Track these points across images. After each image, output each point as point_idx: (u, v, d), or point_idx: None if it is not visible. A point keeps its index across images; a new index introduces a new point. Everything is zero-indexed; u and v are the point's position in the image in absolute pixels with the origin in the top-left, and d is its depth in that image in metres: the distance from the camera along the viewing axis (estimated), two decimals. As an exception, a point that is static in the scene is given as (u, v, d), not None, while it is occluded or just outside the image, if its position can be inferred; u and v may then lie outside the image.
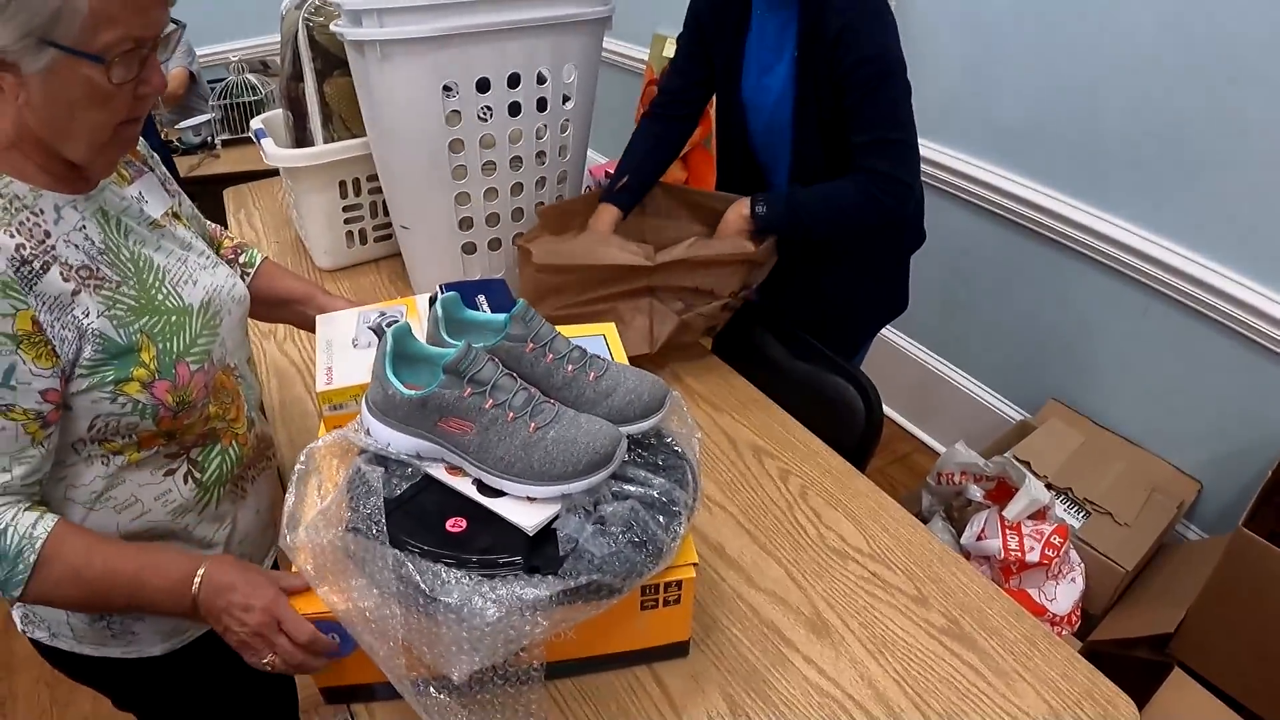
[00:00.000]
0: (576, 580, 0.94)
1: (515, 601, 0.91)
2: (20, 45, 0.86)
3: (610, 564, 0.96)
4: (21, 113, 0.93)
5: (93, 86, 0.92)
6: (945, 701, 1.13)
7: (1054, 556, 2.02)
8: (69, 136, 0.96)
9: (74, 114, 0.94)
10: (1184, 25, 2.06)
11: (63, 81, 0.90)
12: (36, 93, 0.91)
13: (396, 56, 1.62)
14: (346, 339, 1.37)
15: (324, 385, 1.27)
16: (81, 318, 0.97)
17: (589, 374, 1.11)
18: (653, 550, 0.99)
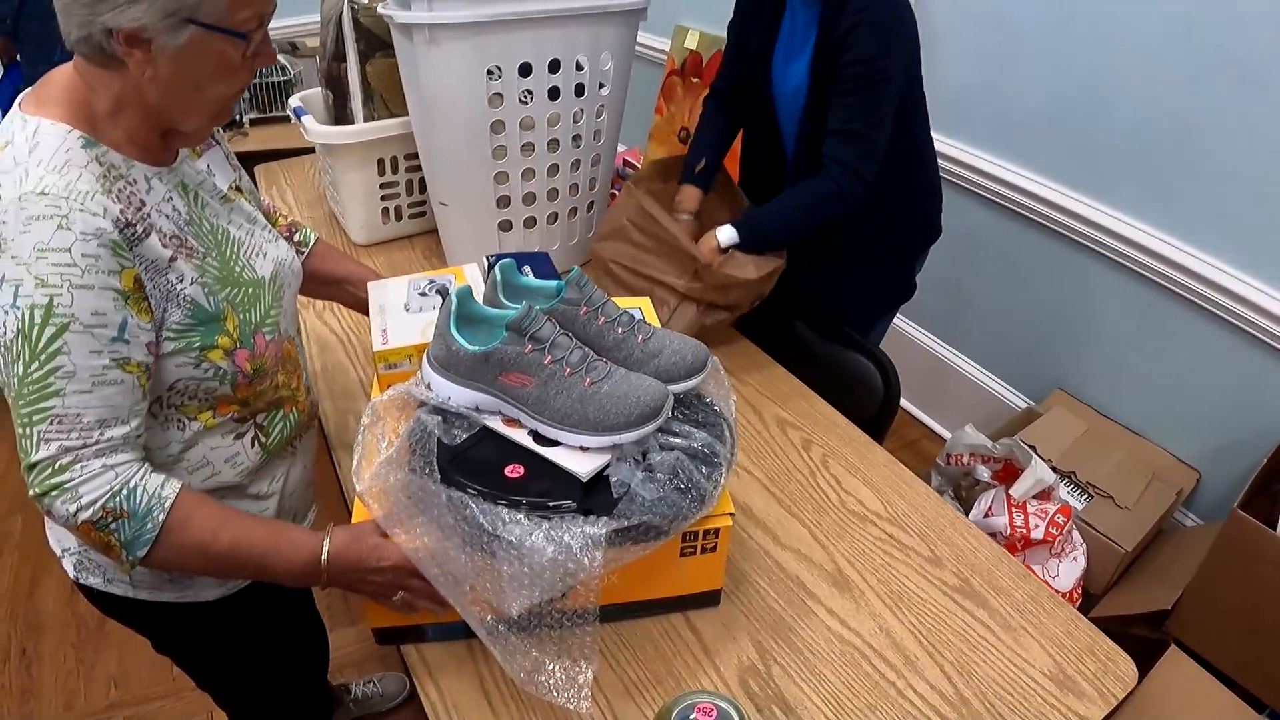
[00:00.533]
0: (629, 520, 1.02)
1: (572, 539, 0.98)
2: (164, 24, 0.93)
3: (659, 507, 1.03)
4: (138, 87, 0.99)
5: (225, 61, 1.00)
6: (957, 652, 1.21)
7: (1057, 534, 2.09)
8: (191, 109, 1.04)
9: (201, 87, 1.01)
10: (1193, 28, 2.11)
11: (197, 57, 0.98)
12: (166, 68, 0.97)
13: (443, 40, 1.69)
14: (399, 303, 1.45)
15: (380, 345, 1.36)
16: (176, 282, 1.03)
17: (637, 336, 1.19)
18: (696, 496, 1.07)
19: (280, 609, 1.45)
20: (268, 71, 3.52)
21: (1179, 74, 2.18)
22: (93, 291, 0.93)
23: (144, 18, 0.92)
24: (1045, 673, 1.19)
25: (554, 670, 1.03)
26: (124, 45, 0.94)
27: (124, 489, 0.97)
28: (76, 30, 0.94)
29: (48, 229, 0.91)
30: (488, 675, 1.18)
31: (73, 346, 0.93)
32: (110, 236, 0.94)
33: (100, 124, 1.01)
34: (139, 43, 0.94)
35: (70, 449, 0.94)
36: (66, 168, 0.95)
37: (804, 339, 1.88)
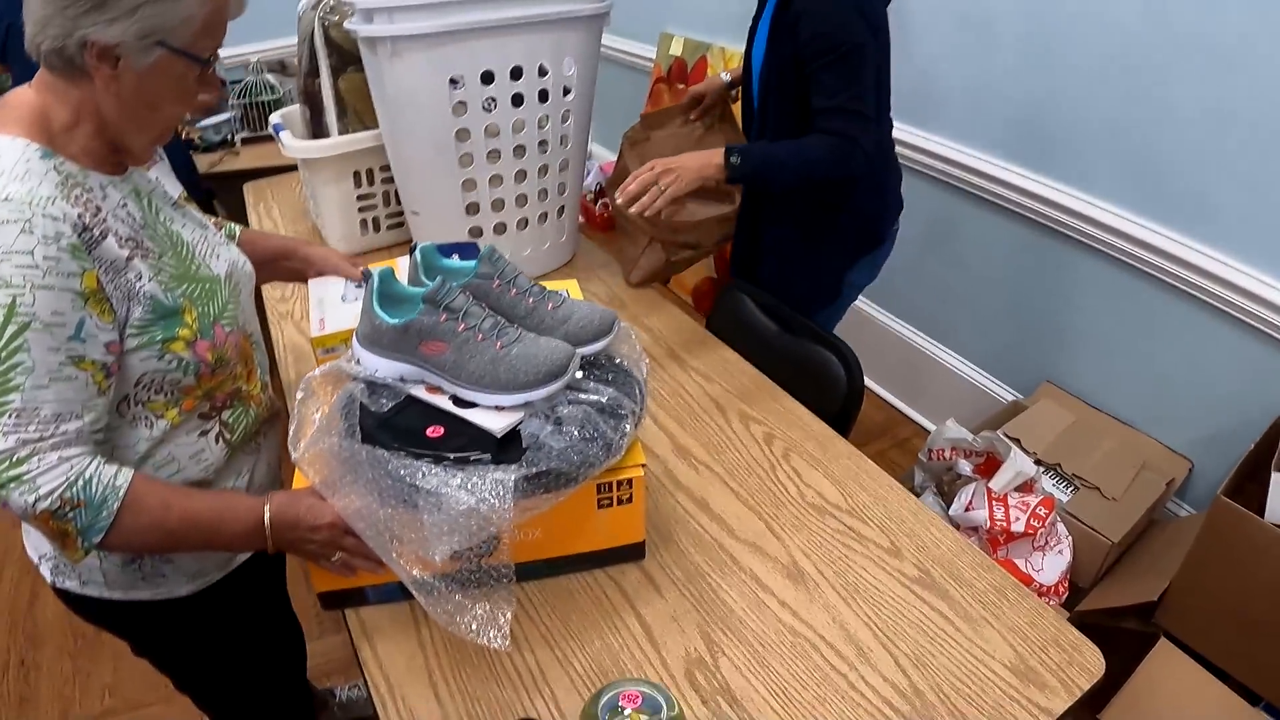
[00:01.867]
0: (538, 467, 1.10)
1: (485, 486, 1.06)
2: (138, 44, 1.01)
3: (566, 455, 1.12)
4: (97, 101, 1.05)
5: (182, 84, 1.09)
6: (913, 643, 1.21)
7: (1039, 527, 2.08)
8: (144, 127, 1.11)
9: (158, 107, 1.10)
10: (1167, 13, 2.11)
11: (160, 77, 1.06)
12: (129, 86, 1.05)
13: (406, 51, 1.72)
14: (336, 296, 1.58)
15: (318, 331, 1.49)
16: (134, 281, 1.07)
17: (547, 304, 1.28)
18: (602, 445, 1.14)
19: (253, 604, 1.48)
20: (257, 91, 3.57)
21: (1155, 60, 2.17)
22: (53, 292, 0.97)
23: (122, 36, 0.99)
24: (1006, 664, 1.18)
25: (476, 612, 1.11)
26: (94, 60, 1.01)
27: (79, 479, 1.01)
28: (50, 41, 1.01)
29: (11, 232, 0.95)
30: (427, 639, 1.23)
31: (32, 344, 0.97)
32: (70, 240, 0.99)
33: (57, 138, 1.06)
34: (108, 58, 1.01)
35: (28, 442, 0.98)
36: (27, 176, 0.99)
37: (768, 335, 1.89)
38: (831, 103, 1.73)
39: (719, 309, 2.01)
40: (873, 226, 2.08)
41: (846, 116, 1.73)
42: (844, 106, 1.73)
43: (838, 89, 1.73)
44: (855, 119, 1.74)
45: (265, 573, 1.46)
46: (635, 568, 1.32)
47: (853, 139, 1.73)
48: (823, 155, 1.75)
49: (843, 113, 1.73)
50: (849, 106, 1.73)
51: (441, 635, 1.22)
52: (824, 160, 1.75)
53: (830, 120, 1.74)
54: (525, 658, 1.19)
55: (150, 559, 1.25)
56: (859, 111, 1.74)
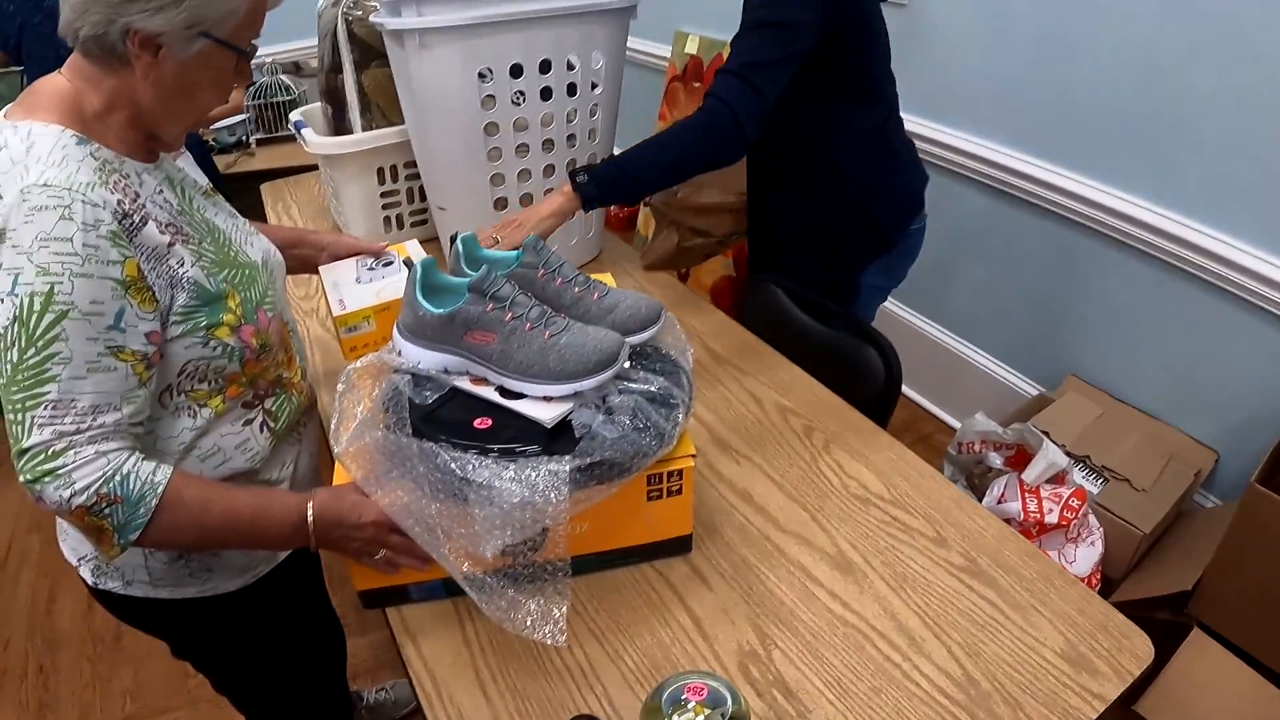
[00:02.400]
0: (591, 458, 1.08)
1: (539, 477, 1.04)
2: (182, 33, 1.01)
3: (620, 445, 1.10)
4: (132, 89, 1.05)
5: (221, 74, 1.09)
6: (964, 632, 1.19)
7: (1072, 518, 2.07)
8: (180, 115, 1.11)
9: (194, 96, 1.10)
10: (1187, 4, 2.10)
11: (201, 68, 1.06)
12: (169, 75, 1.04)
13: (434, 44, 1.71)
14: (350, 277, 1.57)
15: (339, 311, 1.47)
16: (177, 267, 1.06)
17: (593, 294, 1.27)
18: (655, 435, 1.13)
19: (297, 600, 1.47)
20: (273, 91, 3.57)
21: (1175, 48, 2.17)
22: (92, 280, 0.96)
23: (167, 25, 0.99)
24: (1057, 651, 1.16)
25: (530, 608, 1.08)
26: (136, 48, 1.01)
27: (117, 474, 0.99)
28: (90, 28, 1.00)
29: (50, 219, 0.94)
30: (472, 635, 1.21)
31: (70, 333, 0.96)
32: (110, 227, 0.98)
33: (90, 124, 1.05)
34: (150, 46, 1.01)
35: (65, 434, 0.97)
36: (65, 161, 0.99)
37: (804, 327, 1.87)
38: (732, 64, 1.63)
39: (751, 302, 1.99)
40: (880, 228, 1.98)
41: (733, 82, 1.62)
42: (734, 70, 1.62)
43: (741, 55, 1.63)
44: (743, 87, 1.61)
45: (307, 568, 1.46)
46: (682, 561, 1.31)
47: (730, 108, 1.61)
48: (679, 136, 1.65)
49: (731, 76, 1.62)
50: (739, 72, 1.61)
51: (487, 632, 1.20)
52: (681, 142, 1.65)
53: (720, 81, 1.64)
54: (575, 653, 1.17)
55: (197, 554, 1.24)
56: (747, 81, 1.61)
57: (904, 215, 2.00)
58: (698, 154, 1.67)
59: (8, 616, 2.63)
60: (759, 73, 1.62)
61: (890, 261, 2.04)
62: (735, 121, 1.61)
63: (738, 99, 1.61)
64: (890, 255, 2.02)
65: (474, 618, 1.22)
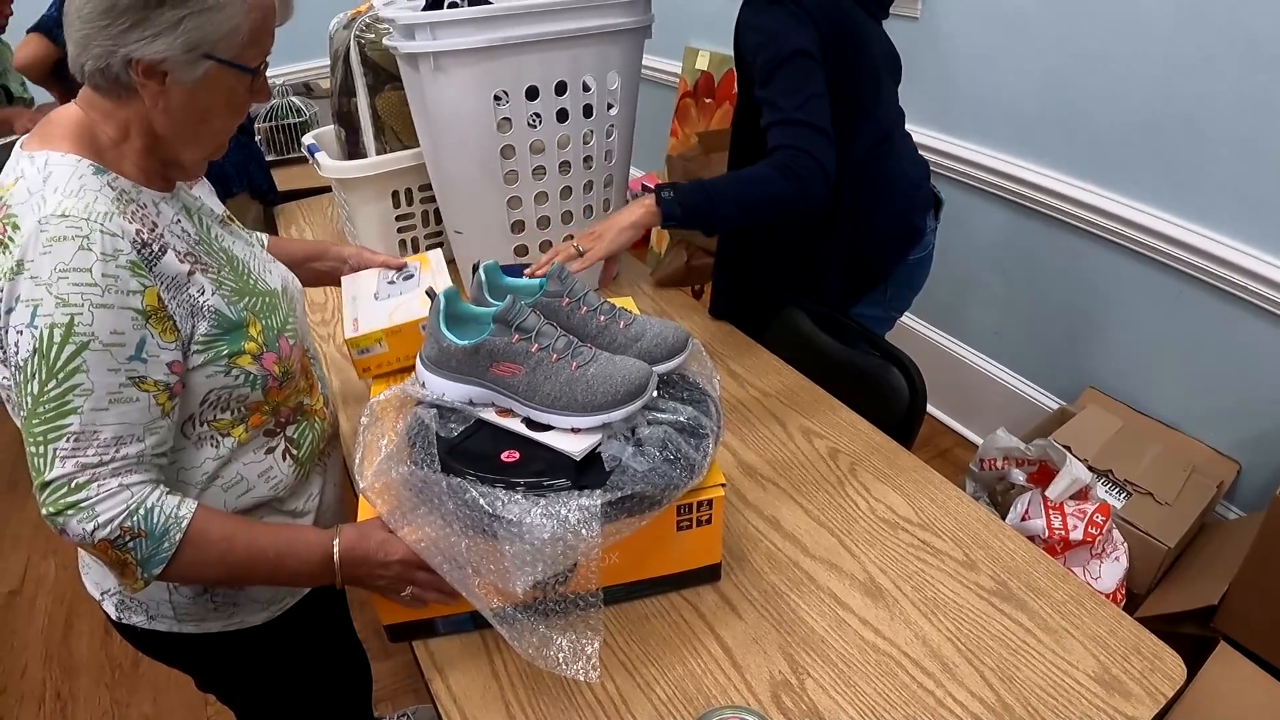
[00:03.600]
0: (622, 491, 1.06)
1: (569, 512, 1.02)
2: (184, 58, 0.99)
3: (650, 477, 1.08)
4: (146, 118, 1.04)
5: (233, 95, 1.07)
6: (997, 657, 1.18)
7: (1097, 534, 2.06)
8: (196, 141, 1.09)
9: (208, 120, 1.07)
10: (1203, 13, 2.10)
11: (209, 91, 1.04)
12: (178, 101, 1.03)
13: (449, 67, 1.70)
14: (369, 293, 1.55)
15: (351, 332, 1.45)
16: (197, 296, 1.06)
17: (619, 323, 1.26)
18: (685, 466, 1.11)
19: (323, 630, 1.47)
20: (283, 113, 3.57)
21: (1192, 58, 2.16)
22: (112, 311, 0.96)
23: (167, 51, 0.98)
24: (1090, 674, 1.15)
25: (562, 644, 1.07)
26: (140, 76, 0.99)
27: (141, 508, 0.98)
28: (93, 61, 0.99)
29: (69, 249, 0.94)
30: (500, 668, 1.19)
31: (91, 365, 0.95)
32: (129, 257, 0.97)
33: (107, 154, 1.05)
34: (155, 74, 1.00)
35: (88, 466, 0.96)
36: (82, 191, 0.98)
37: (826, 347, 1.86)
38: (776, 116, 1.59)
39: (774, 324, 1.97)
40: (869, 263, 1.92)
41: (794, 128, 1.57)
42: (791, 118, 1.58)
43: (782, 102, 1.59)
44: (805, 131, 1.57)
45: (332, 600, 1.45)
46: (711, 589, 1.30)
47: (804, 151, 1.55)
48: (768, 175, 1.57)
49: (789, 124, 1.58)
50: (795, 117, 1.57)
51: (516, 665, 1.19)
52: (770, 180, 1.57)
53: (776, 135, 1.59)
54: (605, 685, 1.16)
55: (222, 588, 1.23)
56: (808, 123, 1.57)
57: (896, 248, 1.93)
58: (784, 199, 1.58)
59: (25, 642, 2.62)
60: (807, 110, 1.58)
61: (886, 294, 1.98)
62: (820, 165, 1.56)
63: (810, 144, 1.56)
64: (884, 288, 1.96)
65: (502, 650, 1.21)
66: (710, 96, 3.56)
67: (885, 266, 1.94)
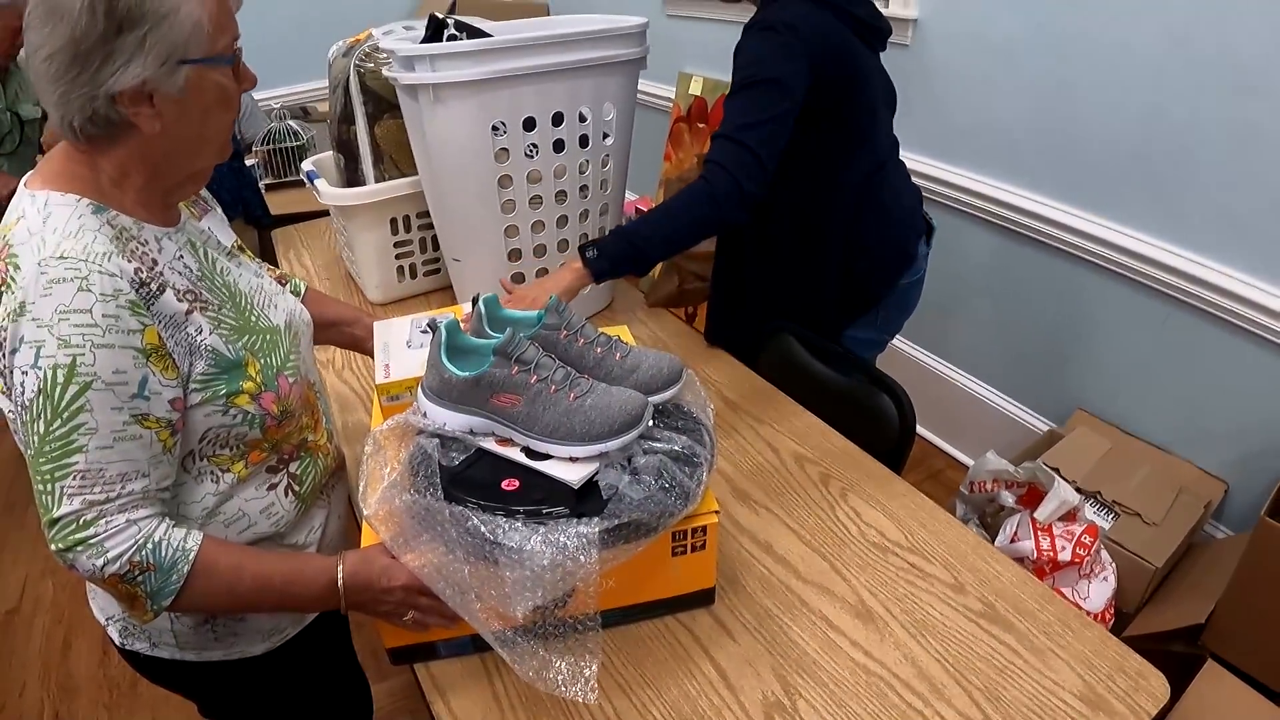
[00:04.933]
0: (619, 519, 1.09)
1: (568, 539, 1.06)
2: (162, 71, 0.99)
3: (646, 505, 1.11)
4: (143, 149, 1.04)
5: (221, 89, 1.07)
6: (985, 678, 1.21)
7: (1085, 555, 2.08)
8: (201, 146, 1.10)
9: (207, 121, 1.08)
10: (1191, 40, 2.14)
11: (198, 93, 1.04)
12: (172, 113, 1.03)
13: (448, 99, 1.73)
14: (401, 340, 1.56)
15: (383, 379, 1.45)
16: (195, 335, 1.07)
17: (615, 354, 1.29)
18: (680, 494, 1.14)
19: (325, 660, 1.48)
20: (281, 137, 3.60)
21: (1179, 85, 2.20)
22: (114, 350, 0.97)
23: (144, 72, 0.98)
24: (1075, 694, 1.18)
25: (561, 667, 1.10)
26: (130, 106, 1.00)
27: (149, 543, 1.00)
28: (79, 114, 0.99)
29: (68, 291, 0.95)
30: (501, 691, 1.22)
31: (95, 404, 0.96)
32: (128, 296, 0.99)
33: (107, 192, 1.06)
34: (143, 98, 1.00)
35: (94, 503, 0.98)
36: (81, 232, 0.99)
37: (818, 375, 1.89)
38: (724, 129, 1.65)
39: (766, 350, 2.01)
40: (863, 287, 1.97)
41: (729, 146, 1.64)
42: (729, 135, 1.64)
43: (735, 116, 1.65)
44: (739, 151, 1.63)
45: (334, 627, 1.46)
46: (705, 613, 1.32)
47: (729, 174, 1.63)
48: (686, 207, 1.67)
49: (730, 141, 1.64)
50: (735, 136, 1.63)
51: (516, 687, 1.21)
52: (688, 211, 1.67)
53: (715, 148, 1.66)
54: (603, 707, 1.19)
55: (223, 619, 1.24)
56: (747, 145, 1.63)
57: (889, 272, 1.98)
58: (704, 221, 1.69)
59: (23, 662, 2.63)
60: (752, 132, 1.64)
61: (878, 317, 2.04)
62: (737, 186, 1.63)
63: (735, 163, 1.63)
64: (876, 310, 2.02)
65: (503, 673, 1.23)
66: (703, 121, 3.60)
67: (878, 290, 1.98)
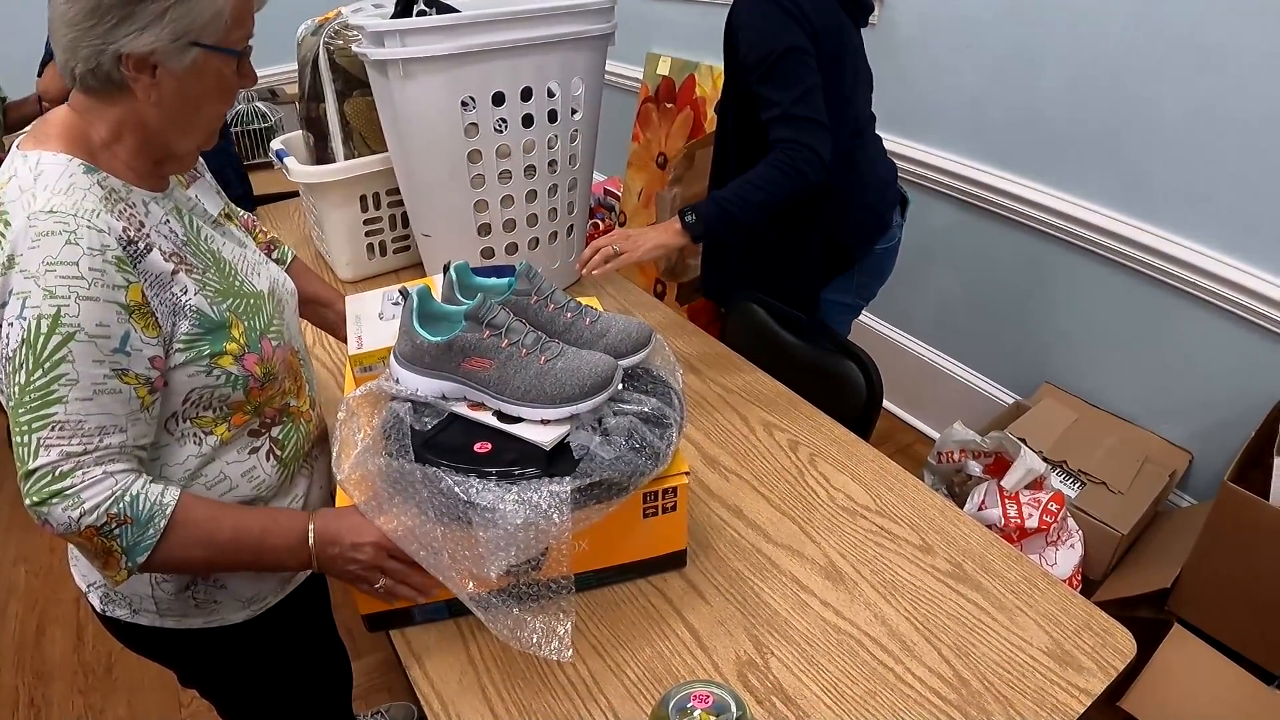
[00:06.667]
0: (590, 478, 1.10)
1: (540, 498, 1.07)
2: (173, 46, 1.01)
3: (617, 465, 1.13)
4: (138, 114, 1.06)
5: (222, 80, 1.09)
6: (954, 635, 1.23)
7: (1052, 522, 2.12)
8: (191, 128, 1.11)
9: (201, 106, 1.09)
10: (1154, 20, 2.16)
11: (199, 77, 1.05)
12: (170, 91, 1.04)
13: (417, 74, 1.73)
14: (373, 313, 1.56)
15: (355, 349, 1.46)
16: (180, 294, 1.07)
17: (585, 319, 1.30)
18: (650, 454, 1.16)
19: (304, 629, 1.48)
20: (249, 119, 3.58)
21: (1142, 63, 2.22)
22: (98, 304, 0.97)
23: (155, 43, 0.99)
24: (1043, 649, 1.21)
25: (535, 625, 1.12)
26: (132, 71, 1.01)
27: (126, 495, 1.00)
28: (83, 64, 1.00)
29: (56, 244, 0.95)
30: (476, 654, 1.23)
31: (77, 355, 0.97)
32: (115, 253, 0.99)
33: (98, 153, 1.06)
34: (146, 67, 1.01)
35: (72, 455, 0.97)
36: (71, 189, 0.99)
37: (785, 344, 1.91)
38: (776, 111, 1.73)
39: (732, 320, 2.03)
40: (840, 248, 2.06)
41: (794, 123, 1.72)
42: (789, 113, 1.71)
43: (779, 97, 1.72)
44: (805, 125, 1.71)
45: (314, 597, 1.46)
46: (678, 576, 1.34)
47: (804, 144, 1.70)
48: (772, 176, 1.72)
49: (789, 120, 1.72)
50: (794, 112, 1.71)
51: (492, 650, 1.23)
52: (775, 180, 1.72)
53: (778, 130, 1.73)
54: (578, 668, 1.20)
55: (204, 585, 1.24)
56: (806, 117, 1.71)
57: (866, 236, 2.08)
58: (791, 190, 1.73)
59: (-4, 649, 2.61)
60: (803, 105, 1.71)
61: (854, 280, 2.12)
62: (815, 154, 1.71)
63: (807, 136, 1.71)
64: (852, 273, 2.10)
65: (478, 637, 1.25)
66: (671, 101, 3.60)
67: (856, 251, 2.07)
